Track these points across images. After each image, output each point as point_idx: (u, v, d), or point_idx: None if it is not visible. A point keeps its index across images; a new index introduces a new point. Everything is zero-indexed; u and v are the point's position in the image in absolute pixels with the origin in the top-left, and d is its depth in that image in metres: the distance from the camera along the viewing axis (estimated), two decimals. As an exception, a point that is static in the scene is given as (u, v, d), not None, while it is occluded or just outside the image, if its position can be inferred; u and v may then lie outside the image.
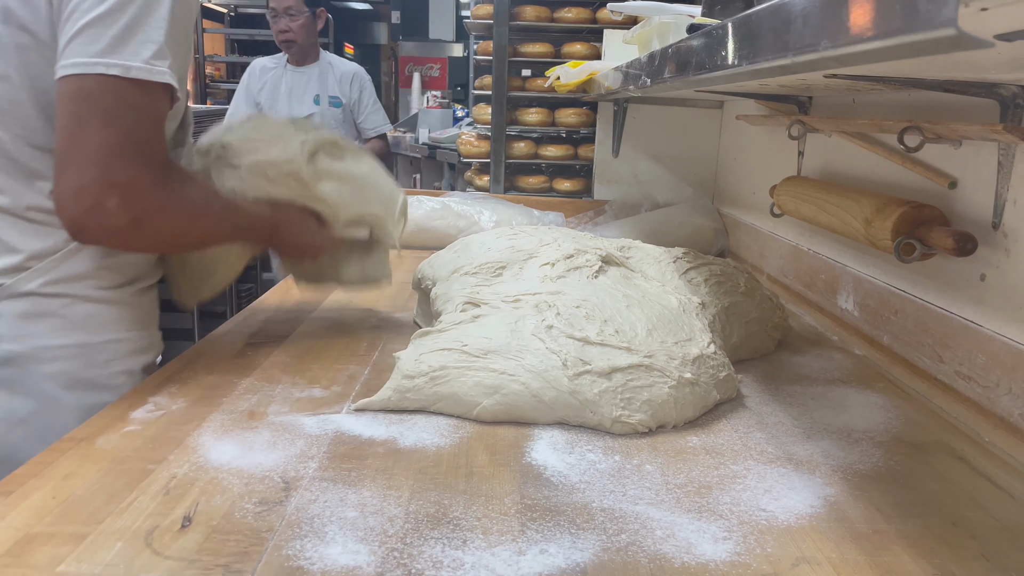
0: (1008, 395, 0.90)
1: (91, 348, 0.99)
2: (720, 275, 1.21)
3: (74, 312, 0.97)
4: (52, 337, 0.96)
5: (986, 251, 0.98)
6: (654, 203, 2.23)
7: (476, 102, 2.56)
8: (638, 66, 1.30)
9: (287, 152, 1.07)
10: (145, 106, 0.87)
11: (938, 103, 1.10)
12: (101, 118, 0.83)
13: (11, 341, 0.94)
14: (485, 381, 0.89)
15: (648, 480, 0.77)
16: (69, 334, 0.97)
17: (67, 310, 0.97)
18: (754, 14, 0.67)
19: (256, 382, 0.99)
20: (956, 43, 0.40)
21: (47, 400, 0.96)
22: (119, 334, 1.02)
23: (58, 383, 0.96)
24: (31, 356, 0.95)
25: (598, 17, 2.33)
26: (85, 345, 0.98)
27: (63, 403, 0.96)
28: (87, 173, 0.83)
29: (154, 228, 0.90)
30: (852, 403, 1.00)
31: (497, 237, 1.21)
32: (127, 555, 0.60)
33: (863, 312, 1.27)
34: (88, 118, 0.83)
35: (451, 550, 0.63)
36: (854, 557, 0.65)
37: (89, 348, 0.99)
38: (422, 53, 8.56)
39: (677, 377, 0.90)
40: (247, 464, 0.76)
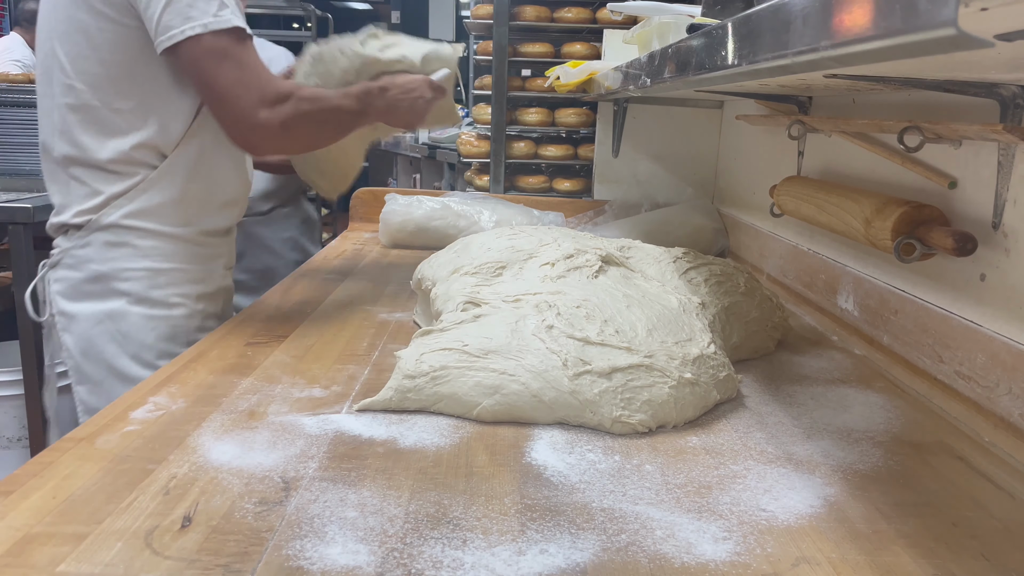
0: (1008, 395, 0.90)
1: (154, 272, 1.27)
2: (720, 275, 1.21)
3: (143, 243, 1.25)
4: (126, 261, 1.25)
5: (986, 251, 0.98)
6: (654, 203, 2.23)
7: (476, 102, 2.56)
8: (638, 66, 1.30)
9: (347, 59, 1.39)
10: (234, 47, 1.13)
11: (938, 103, 1.10)
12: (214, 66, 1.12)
13: (99, 263, 1.25)
14: (485, 381, 0.89)
15: (648, 480, 0.77)
16: (139, 260, 1.25)
17: (138, 241, 1.25)
18: (754, 14, 0.67)
19: (256, 382, 0.99)
20: (956, 43, 0.40)
21: (119, 309, 1.25)
22: (178, 264, 1.29)
23: (129, 298, 1.25)
24: (111, 275, 1.25)
25: (598, 17, 2.33)
26: (150, 270, 1.26)
27: (131, 313, 1.25)
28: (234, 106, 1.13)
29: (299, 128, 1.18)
30: (852, 403, 1.00)
31: (497, 237, 1.21)
32: (127, 555, 0.60)
33: (863, 312, 1.27)
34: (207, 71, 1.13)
35: (451, 550, 0.63)
36: (854, 557, 0.65)
37: (153, 272, 1.26)
38: (422, 53, 8.54)
39: (677, 377, 0.90)
40: (247, 464, 0.76)
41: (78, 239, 1.24)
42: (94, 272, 1.24)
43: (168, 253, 1.28)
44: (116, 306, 1.25)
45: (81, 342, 1.26)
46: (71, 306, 1.25)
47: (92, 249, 1.24)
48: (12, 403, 2.17)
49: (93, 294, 1.25)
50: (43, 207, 1.98)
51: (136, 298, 1.25)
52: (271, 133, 1.15)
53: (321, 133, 1.24)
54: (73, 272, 1.25)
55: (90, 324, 1.25)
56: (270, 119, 1.13)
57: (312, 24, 6.43)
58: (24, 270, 1.97)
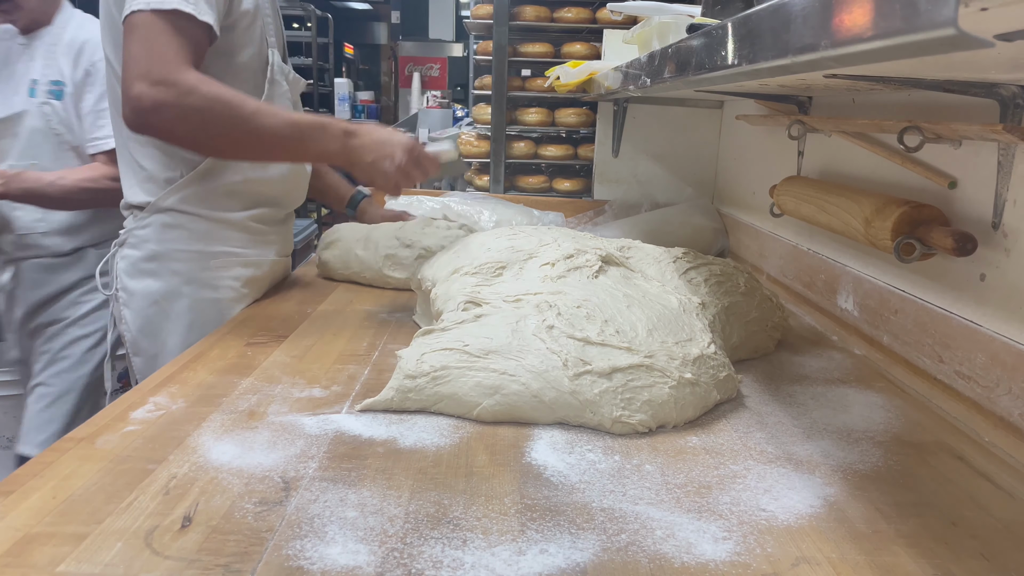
0: (1008, 395, 0.90)
1: (205, 255, 1.33)
2: (720, 275, 1.21)
3: (197, 227, 1.32)
4: (180, 243, 1.32)
5: (986, 251, 0.98)
6: (654, 203, 2.24)
7: (476, 102, 2.56)
8: (638, 66, 1.30)
9: None
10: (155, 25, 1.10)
11: (938, 103, 1.10)
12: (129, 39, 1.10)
13: (155, 243, 1.32)
14: (486, 381, 0.89)
15: (648, 480, 0.77)
16: (192, 243, 1.32)
17: (192, 224, 1.32)
18: (754, 14, 0.67)
19: (256, 382, 0.99)
20: (956, 43, 0.40)
21: (172, 289, 1.32)
22: (228, 248, 1.35)
23: (181, 278, 1.32)
24: (166, 255, 1.32)
25: (598, 17, 2.33)
26: (202, 252, 1.33)
27: (182, 293, 1.32)
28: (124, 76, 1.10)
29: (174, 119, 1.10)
30: (852, 403, 1.00)
31: (496, 237, 1.21)
32: (127, 555, 0.60)
33: (863, 312, 1.27)
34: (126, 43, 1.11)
35: (451, 550, 0.63)
36: (854, 557, 0.65)
37: (204, 255, 1.33)
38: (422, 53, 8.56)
39: (677, 377, 0.90)
40: (247, 464, 0.76)
41: (141, 219, 1.32)
42: (151, 252, 1.32)
43: (219, 237, 1.34)
44: (170, 285, 1.32)
45: (139, 318, 1.32)
46: (132, 283, 1.33)
47: (151, 230, 1.31)
48: (12, 403, 2.17)
49: (150, 272, 1.32)
50: (43, 207, 1.98)
51: (187, 279, 1.32)
52: (141, 110, 1.08)
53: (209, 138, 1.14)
54: (134, 251, 1.32)
55: (147, 302, 1.32)
56: (143, 95, 1.07)
57: (312, 24, 6.44)
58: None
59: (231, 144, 1.17)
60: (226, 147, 1.19)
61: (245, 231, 1.38)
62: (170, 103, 1.08)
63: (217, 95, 1.11)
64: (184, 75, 1.10)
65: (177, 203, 1.31)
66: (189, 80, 1.09)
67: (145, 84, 1.07)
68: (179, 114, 1.09)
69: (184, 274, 1.32)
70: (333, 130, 1.17)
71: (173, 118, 1.10)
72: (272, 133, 1.14)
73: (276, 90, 1.35)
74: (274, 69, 1.35)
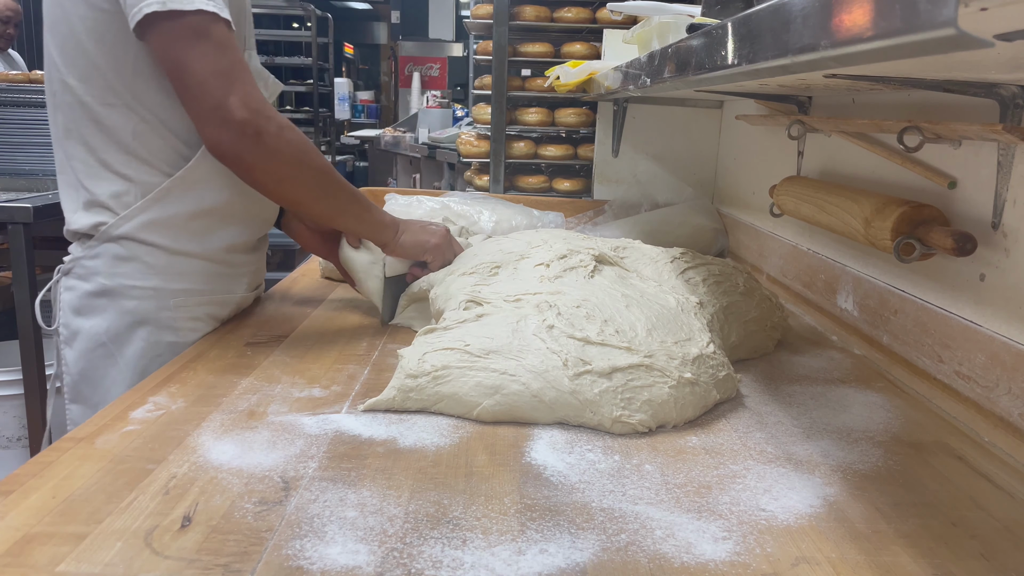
0: (1008, 395, 0.90)
1: (163, 293, 1.15)
2: (719, 275, 1.21)
3: (154, 260, 1.13)
4: (134, 278, 1.13)
5: (986, 251, 0.98)
6: (654, 203, 2.23)
7: (476, 102, 2.56)
8: (638, 66, 1.30)
9: None
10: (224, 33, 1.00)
11: (938, 103, 1.10)
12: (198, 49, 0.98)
13: (106, 277, 1.13)
14: (486, 381, 0.89)
15: (648, 480, 0.77)
16: (148, 278, 1.13)
17: (149, 256, 1.13)
18: (754, 14, 0.67)
19: (256, 382, 0.99)
20: (956, 43, 0.40)
21: (121, 330, 1.14)
22: (190, 285, 1.17)
23: (132, 318, 1.13)
24: (116, 291, 1.13)
25: (598, 17, 2.33)
26: (159, 289, 1.14)
27: (134, 335, 1.14)
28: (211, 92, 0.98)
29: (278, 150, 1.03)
30: (852, 403, 1.00)
31: (484, 244, 1.22)
32: (127, 555, 0.60)
33: (863, 312, 1.27)
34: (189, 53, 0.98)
35: (451, 550, 0.63)
36: (854, 557, 0.65)
37: (161, 292, 1.14)
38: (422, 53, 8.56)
39: (677, 377, 0.90)
40: (247, 464, 0.76)
41: (89, 248, 1.13)
42: (100, 286, 1.13)
43: (180, 272, 1.16)
44: (119, 326, 1.13)
45: (81, 360, 1.15)
46: (76, 320, 1.14)
47: (101, 261, 1.12)
48: (12, 403, 2.17)
49: (98, 309, 1.13)
50: (43, 207, 1.98)
51: (139, 319, 1.13)
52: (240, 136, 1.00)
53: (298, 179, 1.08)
54: (82, 283, 1.14)
55: (92, 343, 1.14)
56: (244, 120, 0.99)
57: (312, 24, 6.44)
58: (23, 270, 1.97)
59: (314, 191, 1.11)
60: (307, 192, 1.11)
61: (212, 263, 1.19)
62: (272, 134, 1.01)
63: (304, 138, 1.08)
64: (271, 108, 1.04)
65: (132, 231, 1.11)
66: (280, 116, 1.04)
67: (247, 111, 0.99)
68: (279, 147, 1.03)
69: (137, 313, 1.13)
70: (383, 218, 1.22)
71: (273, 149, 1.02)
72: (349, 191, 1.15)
73: None
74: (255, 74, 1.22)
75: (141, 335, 1.14)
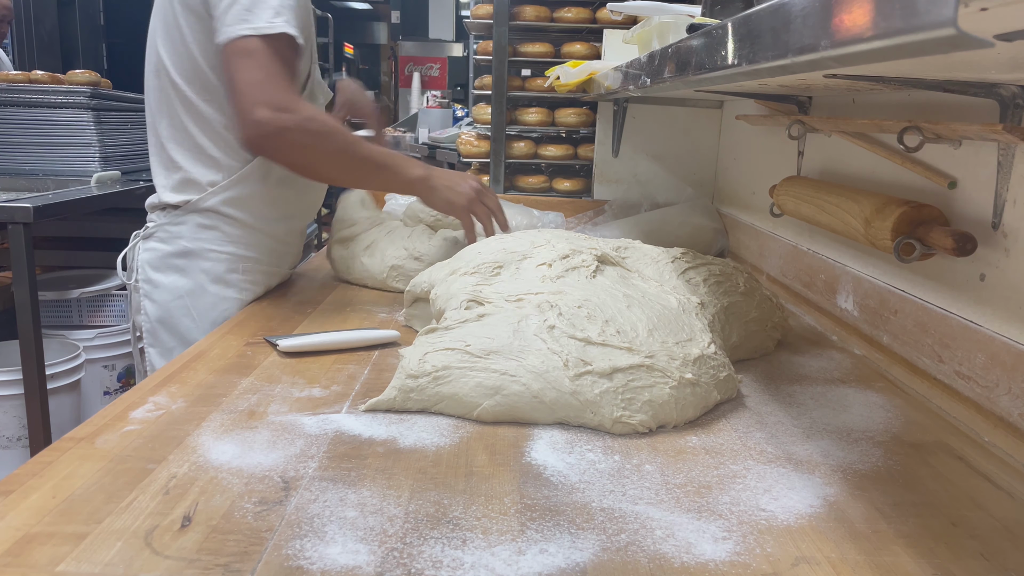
0: (1008, 395, 0.90)
1: (235, 258, 1.38)
2: (719, 275, 1.21)
3: (231, 230, 1.37)
4: (213, 243, 1.36)
5: (986, 251, 0.98)
6: (654, 203, 2.23)
7: (476, 102, 2.56)
8: (638, 66, 1.30)
9: None
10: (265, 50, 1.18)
11: (938, 103, 1.10)
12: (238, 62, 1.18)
13: (188, 240, 1.36)
14: (486, 382, 0.89)
15: (648, 480, 0.77)
16: (224, 244, 1.37)
17: (227, 227, 1.36)
18: (754, 14, 0.67)
19: (256, 382, 0.99)
20: (956, 43, 0.40)
21: (198, 286, 1.36)
22: (255, 254, 1.40)
23: (208, 277, 1.36)
24: (197, 253, 1.36)
25: (598, 17, 2.33)
26: (232, 255, 1.38)
27: (207, 291, 1.36)
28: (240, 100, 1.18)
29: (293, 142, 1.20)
30: (852, 403, 1.00)
31: (487, 243, 1.22)
32: (127, 555, 0.60)
33: (862, 312, 1.27)
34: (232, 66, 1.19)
35: (451, 550, 0.63)
36: (854, 557, 0.65)
37: (234, 258, 1.38)
38: (422, 53, 8.56)
39: (678, 377, 0.90)
40: (247, 464, 0.76)
41: (174, 216, 1.36)
42: (183, 248, 1.35)
43: (250, 242, 1.39)
44: (196, 282, 1.35)
45: (160, 310, 1.36)
46: (157, 275, 1.36)
47: (186, 227, 1.35)
48: (12, 403, 2.17)
49: (179, 268, 1.36)
50: (43, 207, 1.98)
51: (214, 278, 1.36)
52: (266, 134, 1.18)
53: (321, 161, 1.26)
54: (164, 245, 1.36)
55: (172, 295, 1.36)
56: (268, 120, 1.16)
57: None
58: (23, 270, 1.97)
59: (339, 168, 1.29)
60: (333, 170, 1.30)
61: (273, 239, 1.43)
62: (293, 128, 1.18)
63: (331, 124, 1.23)
64: (302, 103, 1.21)
65: (217, 205, 1.34)
66: (308, 108, 1.21)
67: (269, 110, 1.16)
68: (300, 139, 1.20)
69: (211, 273, 1.36)
70: (413, 160, 1.35)
71: (294, 142, 1.20)
72: (373, 161, 1.30)
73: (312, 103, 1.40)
74: (313, 83, 1.40)
75: (213, 291, 1.36)
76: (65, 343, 2.36)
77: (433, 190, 1.35)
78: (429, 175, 1.35)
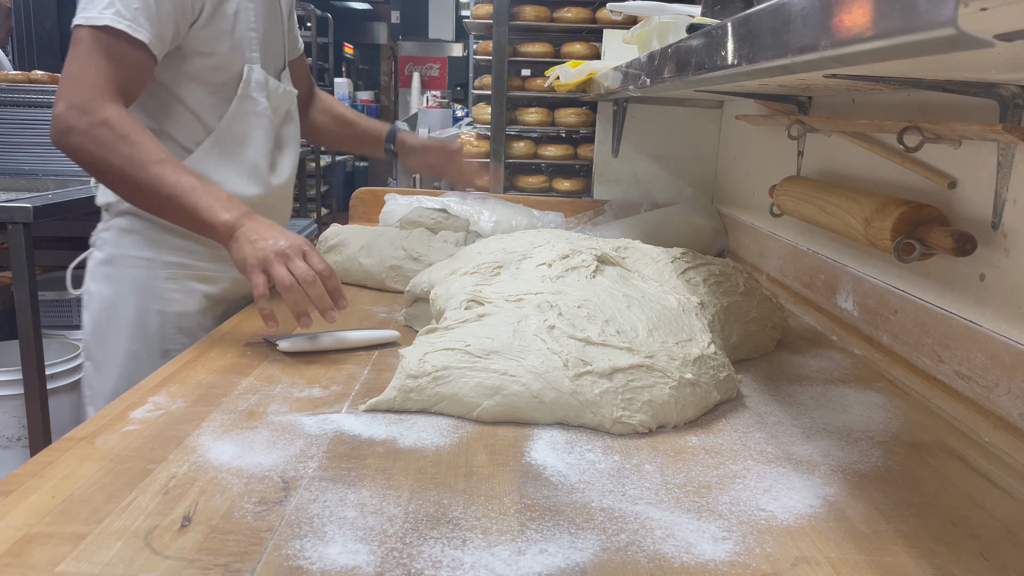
0: (1008, 395, 0.90)
1: (155, 264, 1.28)
2: (719, 275, 1.21)
3: (150, 233, 1.27)
4: (132, 249, 1.27)
5: (986, 251, 0.98)
6: (654, 203, 2.23)
7: (476, 102, 2.56)
8: (638, 66, 1.30)
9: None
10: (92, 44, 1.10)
11: (938, 103, 1.10)
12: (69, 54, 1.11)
13: (113, 247, 1.28)
14: (486, 382, 0.89)
15: (647, 480, 0.77)
16: (142, 249, 1.28)
17: (146, 230, 1.27)
18: (754, 14, 0.67)
19: (256, 382, 0.99)
20: (956, 43, 0.40)
21: (121, 295, 1.27)
22: (180, 259, 1.29)
23: (130, 285, 1.27)
24: (119, 260, 1.28)
25: (598, 17, 2.33)
26: (151, 260, 1.28)
27: (129, 301, 1.27)
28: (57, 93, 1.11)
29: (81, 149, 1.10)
30: (851, 403, 1.00)
31: (488, 243, 1.22)
32: (126, 555, 0.60)
33: (862, 312, 1.27)
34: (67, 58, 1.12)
35: (451, 550, 0.63)
36: (853, 557, 0.65)
37: (153, 263, 1.28)
38: (422, 53, 8.56)
39: (678, 378, 0.90)
40: (247, 464, 0.76)
41: (106, 220, 1.30)
42: (109, 255, 1.29)
43: (172, 246, 1.28)
44: (119, 292, 1.27)
45: (92, 322, 1.29)
46: (91, 284, 1.30)
47: (110, 233, 1.29)
48: (12, 403, 2.17)
49: (106, 276, 1.29)
50: (43, 207, 1.98)
51: (135, 286, 1.27)
52: (55, 130, 1.11)
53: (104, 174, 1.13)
54: (97, 252, 1.31)
55: (100, 306, 1.28)
56: (59, 116, 1.09)
57: (312, 24, 6.44)
58: (23, 270, 1.97)
59: (122, 185, 1.14)
60: (118, 187, 1.16)
61: (202, 242, 1.28)
62: (79, 130, 1.08)
63: (126, 135, 1.09)
64: (101, 105, 1.09)
65: (134, 207, 1.24)
66: (104, 112, 1.09)
67: (64, 105, 1.09)
68: (83, 143, 1.09)
69: (132, 281, 1.27)
70: (234, 204, 1.11)
71: (77, 145, 1.10)
72: (164, 190, 1.09)
73: (248, 107, 1.29)
74: (251, 86, 1.28)
75: (132, 301, 1.27)
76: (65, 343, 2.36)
77: (234, 241, 1.09)
78: (238, 223, 1.09)
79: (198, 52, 1.23)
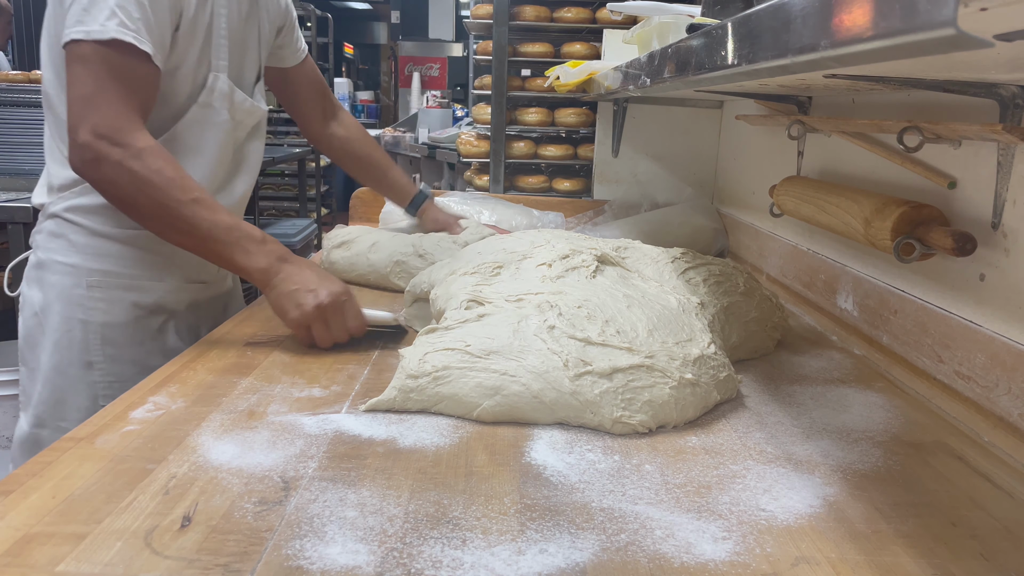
0: (1008, 395, 0.90)
1: (80, 271, 1.20)
2: (719, 275, 1.21)
3: (76, 239, 1.20)
4: (58, 255, 1.20)
5: (985, 251, 0.98)
6: (654, 203, 2.24)
7: (476, 102, 2.56)
8: (638, 66, 1.30)
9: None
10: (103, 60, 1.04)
11: (938, 103, 1.10)
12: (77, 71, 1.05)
13: (41, 251, 1.22)
14: (486, 382, 0.89)
15: (647, 480, 0.77)
16: (68, 256, 1.20)
17: (73, 235, 1.20)
18: (754, 14, 0.67)
19: (256, 382, 0.99)
20: (956, 43, 0.40)
21: (47, 302, 1.21)
22: (108, 267, 1.21)
23: (53, 291, 1.21)
24: (46, 265, 1.21)
25: (598, 17, 2.33)
26: (76, 268, 1.20)
27: (53, 308, 1.20)
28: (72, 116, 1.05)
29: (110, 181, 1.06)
30: (851, 403, 1.00)
31: (488, 243, 1.22)
32: (126, 555, 0.60)
33: (862, 312, 1.27)
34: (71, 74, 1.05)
35: (450, 550, 0.63)
36: (853, 557, 0.65)
37: (78, 271, 1.20)
38: (422, 53, 8.57)
39: (678, 378, 0.90)
40: (247, 464, 0.76)
41: (39, 223, 1.24)
42: (37, 259, 1.23)
43: (99, 253, 1.20)
44: (45, 298, 1.21)
45: (23, 326, 1.24)
46: (24, 288, 1.25)
47: (41, 236, 1.23)
48: (12, 403, 2.17)
49: (35, 280, 1.22)
50: (43, 207, 1.98)
51: (59, 293, 1.20)
52: (83, 159, 1.05)
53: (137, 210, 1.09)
54: (32, 255, 1.25)
55: (29, 311, 1.23)
56: (86, 145, 1.04)
57: (312, 24, 6.44)
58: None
59: (157, 224, 1.10)
60: (148, 221, 1.11)
61: (133, 248, 1.21)
62: (111, 161, 1.03)
63: (160, 169, 1.05)
64: (131, 134, 1.05)
65: (62, 210, 1.20)
66: (137, 142, 1.05)
67: (91, 135, 1.03)
68: (116, 176, 1.05)
69: (56, 287, 1.20)
70: (269, 247, 1.10)
71: (109, 178, 1.05)
72: (202, 230, 1.07)
73: (206, 115, 1.23)
74: (213, 94, 1.23)
75: (56, 309, 1.20)
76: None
77: (271, 289, 1.10)
78: (274, 270, 1.09)
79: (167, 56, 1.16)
